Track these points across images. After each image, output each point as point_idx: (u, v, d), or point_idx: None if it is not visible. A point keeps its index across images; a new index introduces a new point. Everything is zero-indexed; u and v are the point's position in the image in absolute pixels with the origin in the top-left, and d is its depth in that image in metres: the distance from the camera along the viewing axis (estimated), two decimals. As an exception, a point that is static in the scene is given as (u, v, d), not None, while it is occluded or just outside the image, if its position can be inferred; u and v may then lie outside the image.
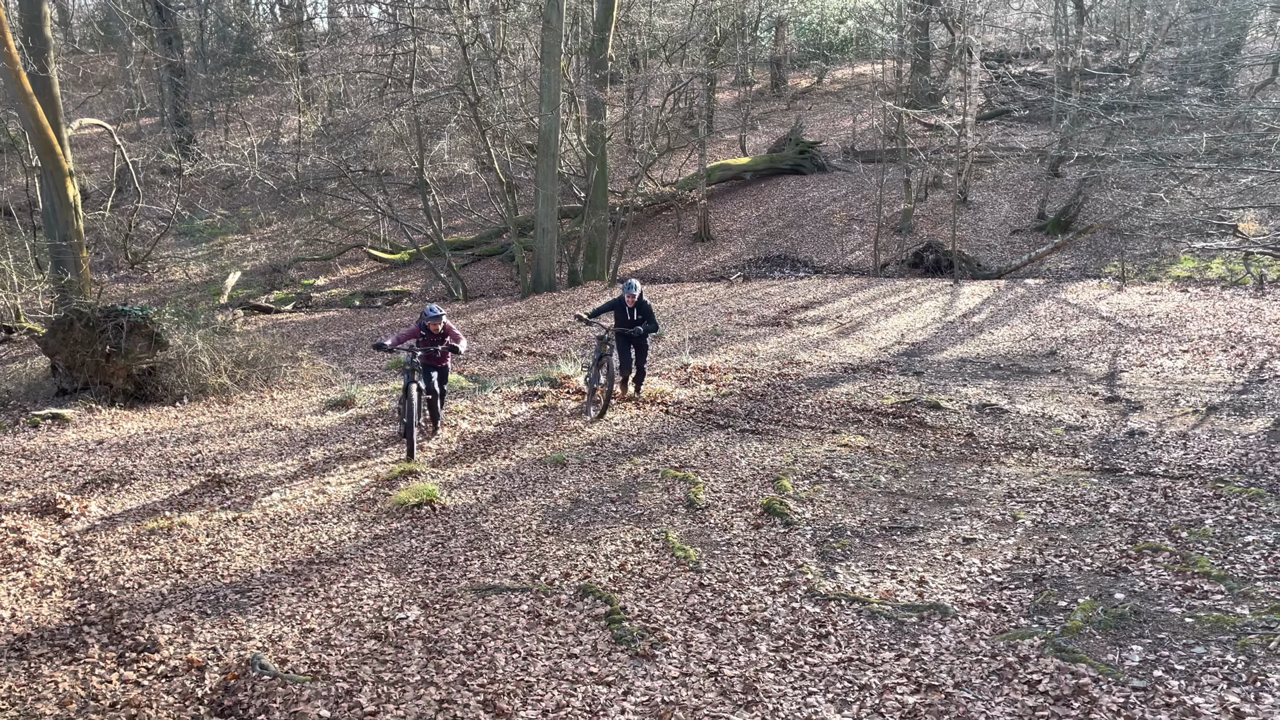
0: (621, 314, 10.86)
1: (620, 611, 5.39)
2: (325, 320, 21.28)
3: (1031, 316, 16.02)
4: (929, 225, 23.19)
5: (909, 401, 10.76)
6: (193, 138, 30.72)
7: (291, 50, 26.53)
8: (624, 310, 10.83)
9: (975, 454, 8.72)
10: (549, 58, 20.31)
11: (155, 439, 10.01)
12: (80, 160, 24.96)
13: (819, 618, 5.22)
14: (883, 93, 27.47)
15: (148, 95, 34.59)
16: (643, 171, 24.20)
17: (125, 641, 5.27)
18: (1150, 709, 4.08)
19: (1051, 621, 5.00)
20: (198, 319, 13.60)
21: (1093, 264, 20.11)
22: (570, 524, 7.06)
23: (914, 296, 18.50)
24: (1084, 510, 6.81)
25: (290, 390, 12.79)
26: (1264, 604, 4.98)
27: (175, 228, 26.03)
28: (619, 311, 10.90)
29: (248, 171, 24.81)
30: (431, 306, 9.54)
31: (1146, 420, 9.74)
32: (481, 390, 11.93)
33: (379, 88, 25.05)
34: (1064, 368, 12.65)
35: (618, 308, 10.88)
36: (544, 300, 20.39)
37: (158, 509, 7.59)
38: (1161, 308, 15.83)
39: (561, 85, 21.10)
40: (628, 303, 10.76)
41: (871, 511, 7.02)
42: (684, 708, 4.37)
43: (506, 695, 4.52)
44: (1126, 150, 20.15)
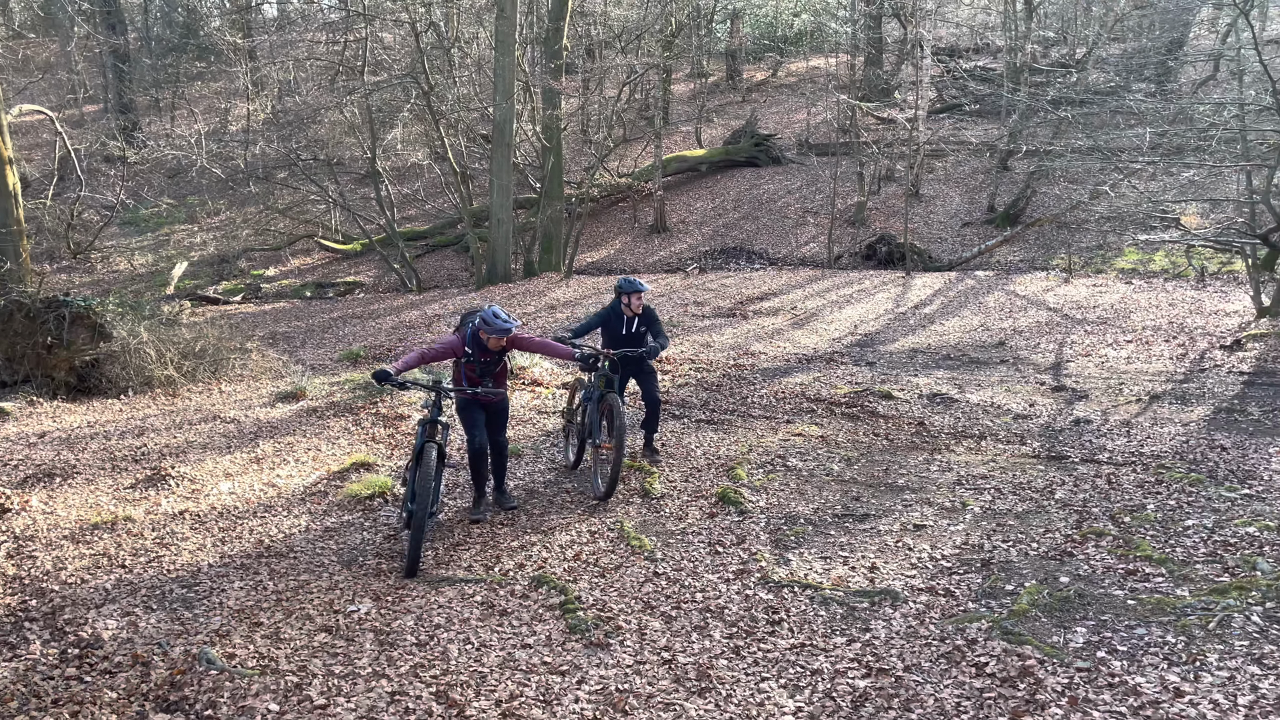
0: (619, 328, 7.91)
1: (575, 601, 5.39)
2: (275, 311, 20.96)
3: (981, 308, 16.27)
4: (882, 218, 23.44)
5: (861, 391, 10.87)
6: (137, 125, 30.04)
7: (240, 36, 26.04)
8: (622, 322, 7.89)
9: (926, 442, 8.84)
10: (503, 47, 20.17)
11: (99, 432, 9.78)
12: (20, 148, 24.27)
13: (772, 605, 5.26)
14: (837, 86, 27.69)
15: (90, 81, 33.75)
16: (599, 162, 24.16)
17: (68, 637, 5.14)
18: (1094, 689, 4.17)
19: (999, 605, 5.09)
20: (143, 310, 13.30)
21: (1040, 256, 20.47)
22: (525, 514, 7.03)
23: (867, 288, 18.70)
24: (1031, 497, 6.94)
25: (239, 382, 12.57)
26: (1203, 586, 5.11)
27: (119, 217, 25.43)
28: (614, 324, 7.93)
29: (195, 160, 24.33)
30: (494, 309, 6.51)
31: (1091, 409, 9.94)
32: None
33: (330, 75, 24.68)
34: (1012, 358, 12.86)
35: (613, 319, 7.93)
36: (499, 291, 20.27)
37: (102, 503, 7.43)
38: (1106, 299, 16.16)
39: (516, 75, 20.97)
40: (627, 311, 7.83)
41: (824, 499, 7.08)
42: (638, 695, 4.38)
43: (459, 686, 4.49)
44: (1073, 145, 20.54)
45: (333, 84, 24.20)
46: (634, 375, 8.12)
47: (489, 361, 6.72)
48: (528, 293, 19.89)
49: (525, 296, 19.49)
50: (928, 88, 24.49)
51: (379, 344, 15.88)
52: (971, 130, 26.55)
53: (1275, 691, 4.00)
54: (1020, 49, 24.43)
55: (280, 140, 25.49)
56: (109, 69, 31.11)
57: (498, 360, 6.78)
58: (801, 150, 27.74)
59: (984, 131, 26.25)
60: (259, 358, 13.85)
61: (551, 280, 21.17)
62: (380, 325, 17.99)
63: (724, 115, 31.58)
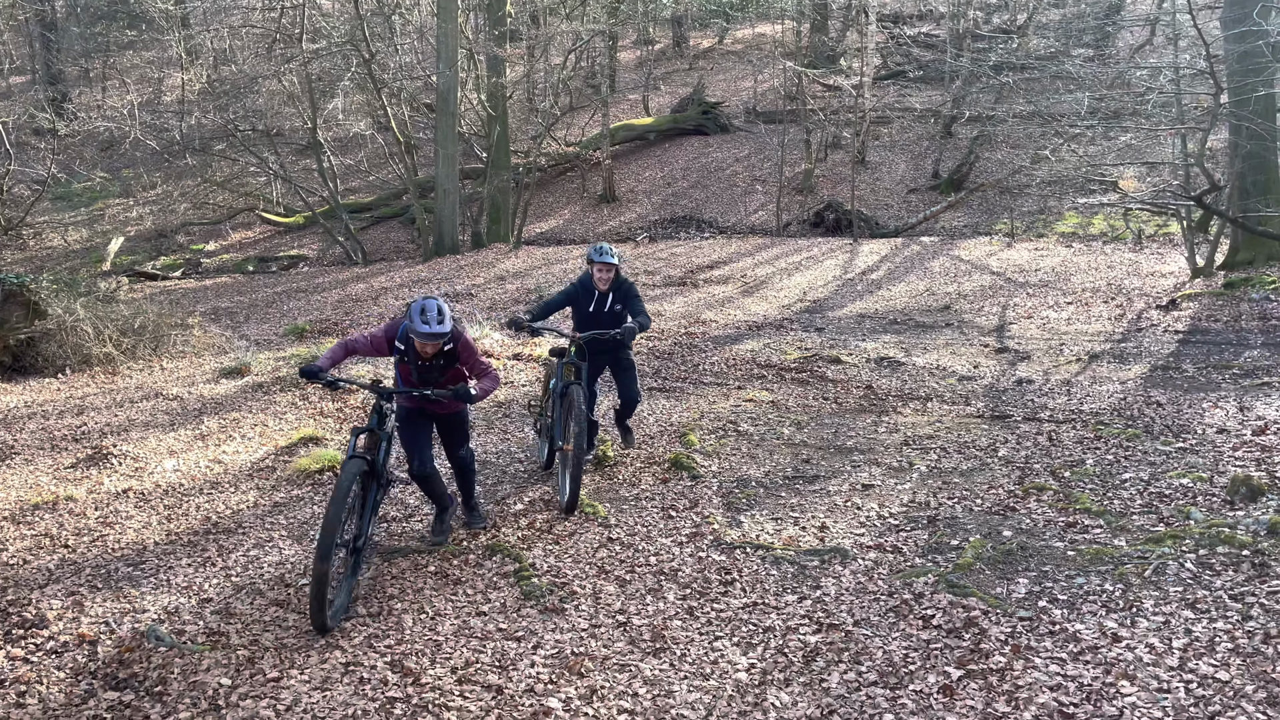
0: (588, 305, 6.82)
1: (529, 568, 5.40)
2: (217, 287, 20.54)
3: (927, 273, 16.49)
4: (829, 185, 23.58)
5: (811, 356, 10.98)
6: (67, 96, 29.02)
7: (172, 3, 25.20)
8: (592, 298, 6.81)
9: (874, 405, 8.97)
10: (445, 13, 19.82)
11: (36, 412, 9.54)
12: (-59, 120, 23.33)
13: (725, 566, 5.33)
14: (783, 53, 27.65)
15: (16, 51, 32.50)
16: (545, 131, 23.92)
17: (11, 619, 5.04)
18: (1035, 637, 4.30)
19: (945, 560, 5.21)
20: (78, 286, 12.96)
21: (984, 221, 20.77)
22: (478, 484, 7.01)
23: (815, 255, 18.84)
24: (975, 455, 7.09)
25: (181, 359, 12.32)
26: (1139, 535, 5.28)
27: (51, 192, 24.60)
28: (583, 302, 6.85)
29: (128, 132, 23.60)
30: (424, 303, 5.19)
31: (1033, 369, 10.16)
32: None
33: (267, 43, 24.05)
34: (957, 321, 13.08)
35: (581, 296, 6.86)
36: (447, 263, 20.06)
37: (42, 483, 7.26)
38: (1047, 263, 16.48)
39: (460, 42, 20.63)
40: (599, 284, 6.77)
41: (775, 463, 7.16)
42: (593, 658, 4.42)
43: (415, 655, 4.49)
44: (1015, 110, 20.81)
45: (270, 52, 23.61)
46: (609, 365, 7.00)
47: (428, 367, 5.47)
48: (476, 264, 19.71)
49: (474, 268, 19.31)
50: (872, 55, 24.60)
51: (325, 318, 15.64)
52: (916, 97, 26.75)
53: (1208, 634, 4.16)
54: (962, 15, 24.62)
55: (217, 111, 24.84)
56: (35, 38, 29.99)
57: (440, 364, 5.50)
58: (749, 118, 27.73)
59: (928, 98, 26.46)
60: (201, 334, 13.59)
61: (500, 251, 21.00)
62: (326, 299, 17.72)
63: (671, 83, 31.43)
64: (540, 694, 4.13)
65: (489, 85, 21.70)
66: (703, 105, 27.58)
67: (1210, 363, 9.81)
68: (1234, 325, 11.46)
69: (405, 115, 23.23)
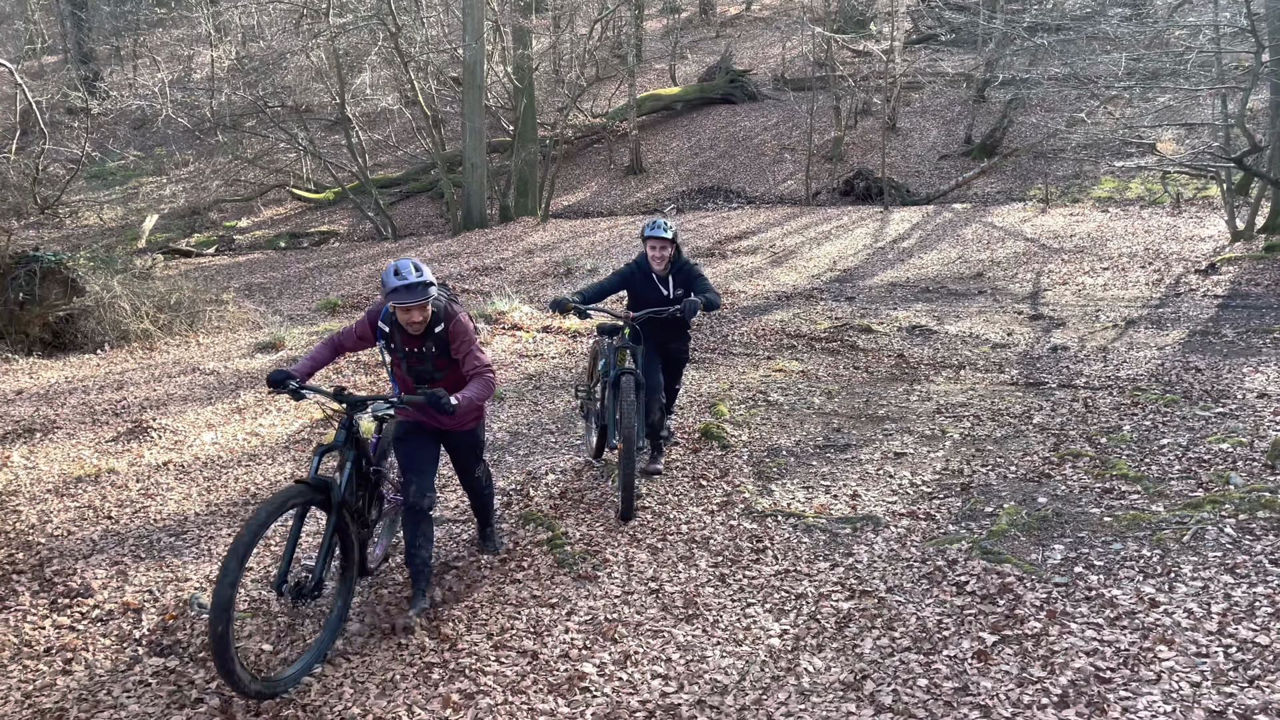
0: (645, 290, 6.21)
1: (561, 537, 5.44)
2: (250, 263, 20.73)
3: (959, 240, 16.29)
4: (859, 152, 23.30)
5: (841, 326, 10.92)
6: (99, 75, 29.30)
7: (199, -20, 25.33)
8: (651, 282, 6.19)
9: (906, 374, 8.91)
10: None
11: (77, 387, 9.71)
12: (-22, 101, 23.67)
13: (756, 534, 5.34)
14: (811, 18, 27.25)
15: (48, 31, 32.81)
16: (572, 103, 23.80)
17: (57, 588, 5.16)
18: (1071, 602, 4.28)
19: (978, 527, 5.18)
20: (115, 264, 13.13)
21: (1017, 187, 20.45)
22: (510, 455, 7.06)
23: (845, 224, 18.66)
24: (1009, 422, 7.03)
25: (217, 334, 12.48)
26: (1178, 501, 5.22)
27: (86, 170, 24.92)
28: (640, 284, 6.22)
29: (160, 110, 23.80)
30: (397, 263, 4.33)
31: (1069, 336, 10.04)
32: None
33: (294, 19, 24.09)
34: (990, 289, 12.93)
35: (638, 278, 6.23)
36: (476, 237, 20.11)
37: (84, 457, 7.40)
38: (1083, 228, 16.21)
39: (485, 14, 20.54)
40: (655, 264, 6.13)
41: (806, 432, 7.15)
42: (626, 624, 4.45)
43: (451, 621, 4.55)
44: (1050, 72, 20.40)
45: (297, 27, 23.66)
46: (669, 348, 6.37)
47: (418, 353, 4.59)
48: (504, 238, 19.74)
49: (502, 241, 19.34)
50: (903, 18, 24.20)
51: (356, 293, 15.76)
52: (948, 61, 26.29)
53: (1248, 599, 4.11)
54: (996, -24, 24.09)
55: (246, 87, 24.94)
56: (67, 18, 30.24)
57: (432, 352, 4.57)
58: (777, 86, 27.42)
59: (960, 62, 26.01)
60: (235, 309, 13.73)
61: (528, 224, 21.01)
62: (357, 274, 17.83)
63: (698, 52, 31.12)
64: (575, 659, 4.18)
65: (515, 57, 21.61)
66: (730, 73, 27.30)
67: (1250, 327, 9.64)
68: (1275, 289, 11.24)
69: (432, 89, 23.21)
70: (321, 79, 23.38)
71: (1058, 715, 3.52)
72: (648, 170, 24.60)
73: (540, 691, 3.95)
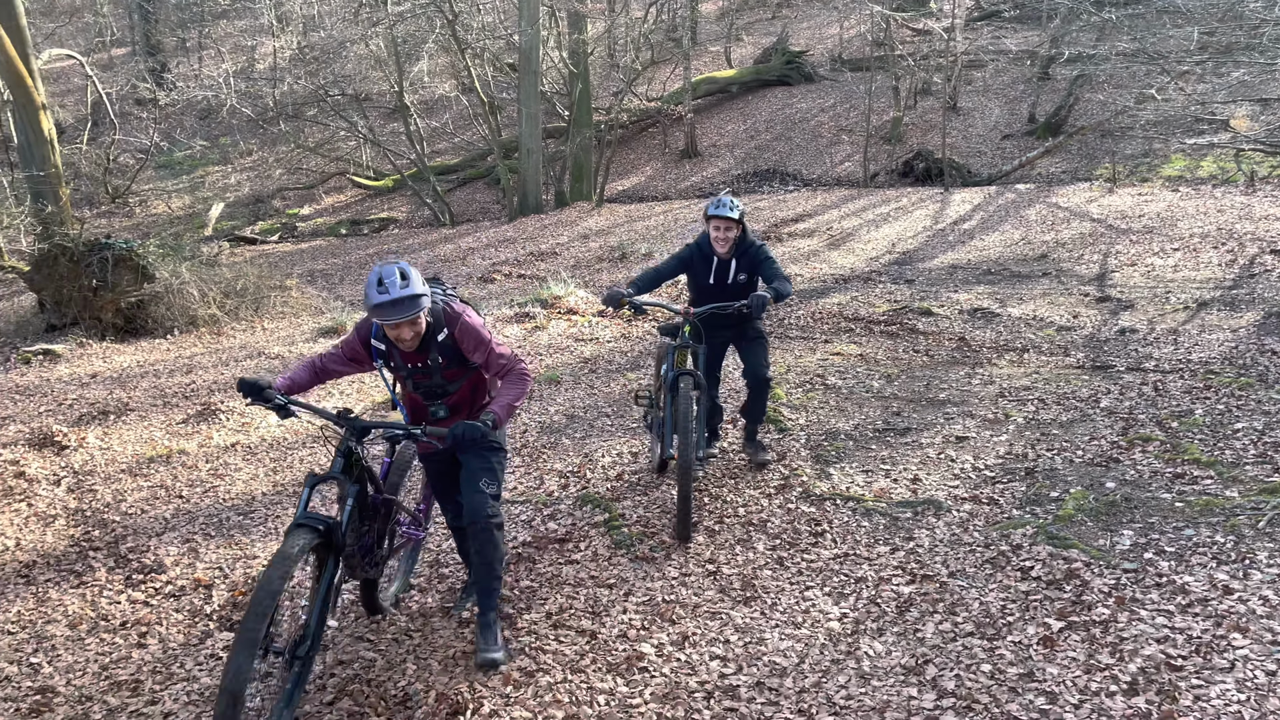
0: (706, 275, 5.63)
1: (619, 519, 5.46)
2: (312, 250, 21.10)
3: (1022, 221, 15.95)
4: (918, 133, 22.92)
5: (900, 309, 10.77)
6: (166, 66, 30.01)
7: (261, -28, 25.76)
8: (711, 266, 5.60)
9: (967, 357, 8.76)
10: (527, -30, 19.75)
11: (149, 371, 9.99)
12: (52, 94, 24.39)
13: (814, 517, 5.30)
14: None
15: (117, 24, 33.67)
16: (627, 87, 23.76)
17: (131, 564, 5.33)
18: (1141, 589, 4.17)
19: (1044, 511, 5.08)
20: (183, 251, 13.46)
21: (1083, 167, 19.94)
22: (567, 438, 7.10)
23: (904, 205, 18.38)
24: (1075, 406, 6.88)
25: (281, 319, 12.73)
26: (1252, 486, 5.06)
27: (154, 160, 25.59)
28: (699, 269, 5.65)
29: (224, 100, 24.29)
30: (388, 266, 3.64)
31: (1137, 318, 9.78)
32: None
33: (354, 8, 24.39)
34: (1055, 270, 12.64)
35: (697, 262, 5.65)
36: (531, 222, 20.21)
37: (156, 438, 7.62)
38: (1152, 208, 15.75)
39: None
40: (718, 246, 5.52)
41: (865, 415, 7.07)
42: (684, 605, 4.46)
43: (510, 601, 4.60)
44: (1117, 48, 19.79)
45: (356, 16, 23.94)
46: (733, 342, 5.81)
47: (423, 368, 3.95)
48: (560, 223, 19.81)
49: (557, 227, 19.41)
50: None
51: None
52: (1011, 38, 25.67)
53: (1326, 588, 3.98)
54: (1062, -50, 23.41)
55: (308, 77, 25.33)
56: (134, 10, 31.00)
57: (439, 363, 3.93)
58: (835, 66, 27.06)
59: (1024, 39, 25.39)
60: (299, 295, 14.00)
61: (583, 209, 21.05)
62: (415, 260, 18.05)
63: (754, 33, 30.83)
64: (633, 639, 4.19)
65: (570, 42, 21.62)
66: (786, 55, 27.00)
67: (1331, 309, 9.29)
68: (1358, 269, 10.81)
69: (489, 75, 23.35)
70: (380, 67, 23.65)
71: (1127, 703, 3.45)
72: (703, 154, 24.48)
73: (599, 670, 3.98)
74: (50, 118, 16.57)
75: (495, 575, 4.06)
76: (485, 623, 4.02)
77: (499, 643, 4.00)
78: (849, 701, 3.66)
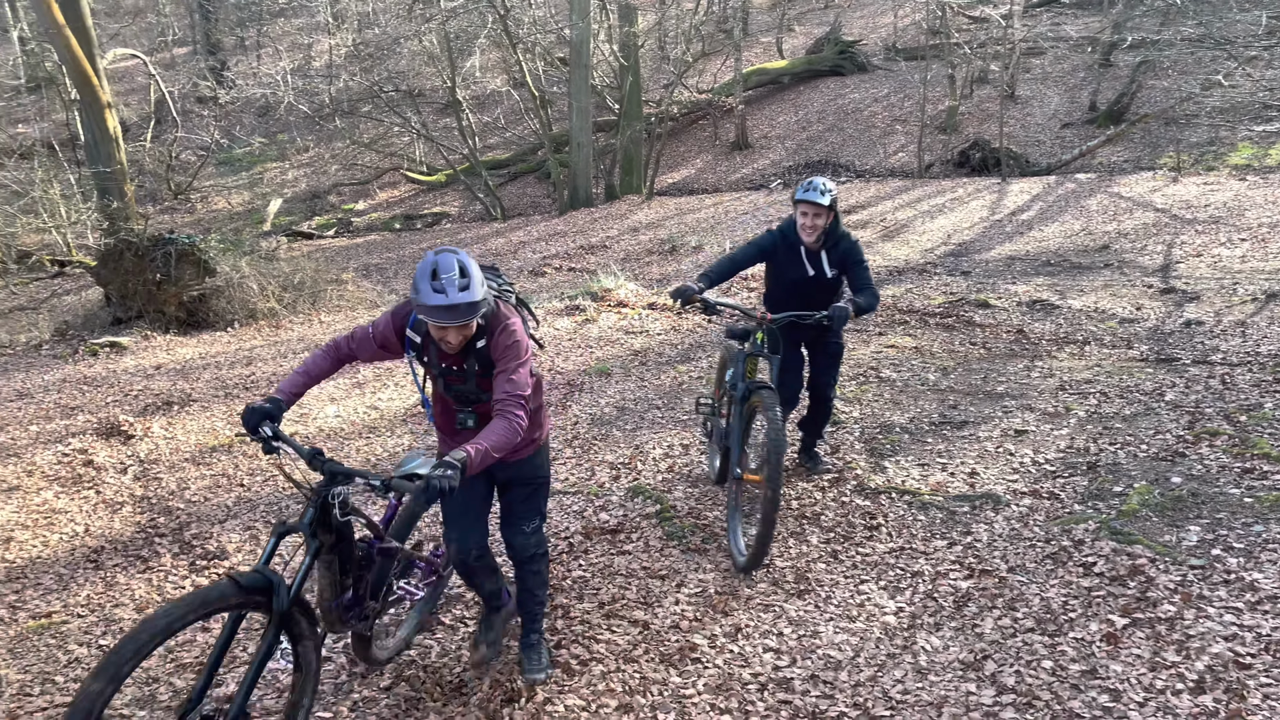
0: (790, 268, 5.11)
1: (670, 510, 5.46)
2: (367, 244, 21.40)
3: (1083, 211, 15.59)
4: (975, 122, 22.52)
5: (957, 301, 10.60)
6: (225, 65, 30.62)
7: (317, -30, 26.15)
8: (797, 258, 5.06)
9: (1026, 350, 8.60)
10: (578, -36, 19.78)
11: (210, 363, 10.22)
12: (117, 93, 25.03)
13: (869, 510, 5.24)
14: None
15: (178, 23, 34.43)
16: (677, 79, 23.69)
17: (195, 550, 5.46)
18: (1208, 585, 4.06)
19: (1106, 506, 4.97)
20: (243, 246, 13.73)
21: (1146, 155, 19.43)
22: (618, 430, 7.11)
23: (960, 196, 18.08)
24: (1139, 399, 6.71)
25: (337, 312, 12.94)
26: (1326, 483, 4.90)
27: (215, 157, 26.14)
28: (783, 260, 5.12)
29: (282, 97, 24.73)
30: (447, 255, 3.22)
31: (1203, 310, 9.51)
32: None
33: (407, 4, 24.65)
34: (1117, 261, 12.35)
35: (781, 252, 5.10)
36: (582, 216, 20.27)
37: (217, 428, 7.78)
38: (1218, 197, 15.29)
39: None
40: (805, 235, 4.97)
41: (920, 409, 6.97)
42: (737, 597, 4.44)
43: (563, 591, 4.62)
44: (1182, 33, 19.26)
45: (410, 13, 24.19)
46: (807, 347, 5.36)
47: (458, 371, 3.47)
48: (610, 216, 19.83)
49: (607, 220, 19.44)
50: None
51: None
52: (1071, 24, 25.12)
53: (1406, 587, 3.83)
54: (1124, -67, 22.82)
55: (362, 73, 25.68)
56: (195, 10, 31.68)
57: (475, 371, 3.45)
58: (888, 56, 26.70)
59: (1085, 25, 24.81)
60: (354, 289, 14.21)
61: (633, 203, 21.05)
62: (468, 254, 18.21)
63: (806, 23, 30.54)
64: (686, 630, 4.19)
65: (621, 35, 21.61)
66: (839, 44, 26.70)
67: None
68: None
69: (539, 70, 23.44)
70: (433, 63, 23.88)
71: (1193, 701, 3.36)
72: (753, 146, 24.32)
73: (652, 660, 3.98)
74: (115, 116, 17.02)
75: (539, 601, 3.92)
76: (529, 643, 3.92)
77: (544, 663, 3.89)
78: (905, 696, 3.61)
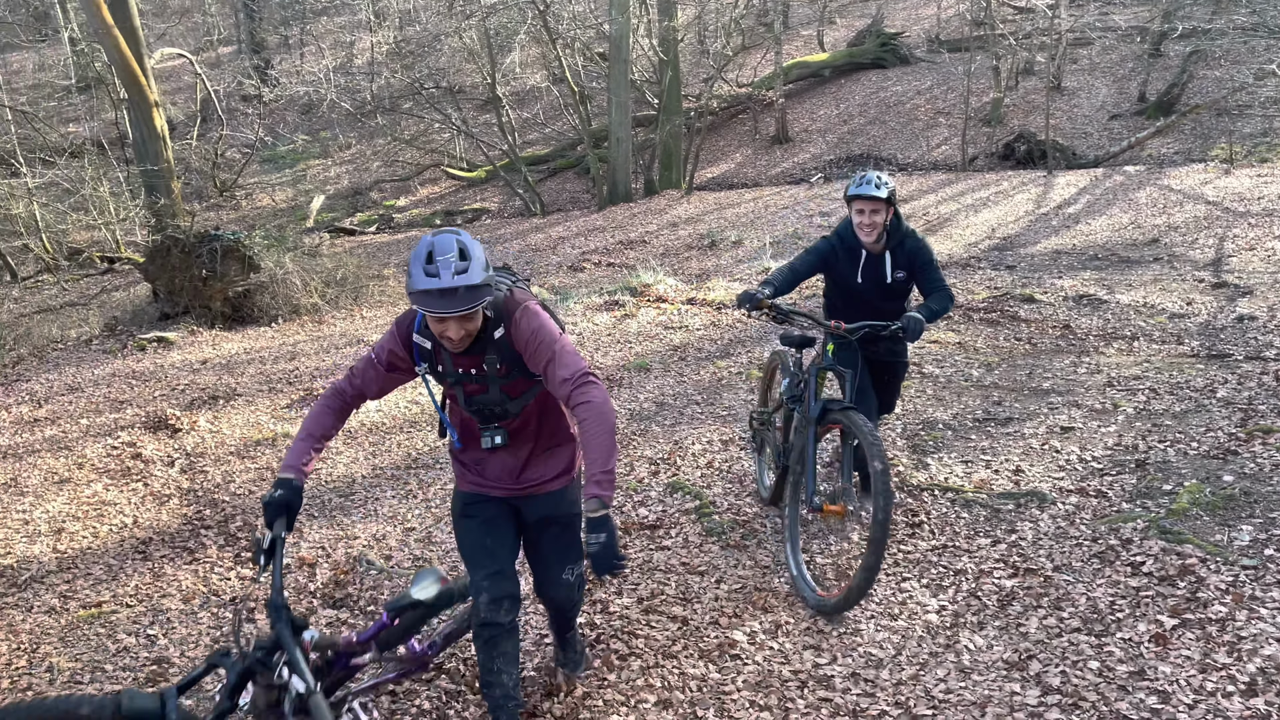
0: (852, 272, 4.65)
1: (709, 506, 5.44)
2: (408, 240, 21.57)
3: (1131, 205, 15.29)
4: (1020, 115, 22.18)
5: (1001, 295, 10.45)
6: (269, 63, 31.03)
7: (359, -31, 26.41)
8: (857, 262, 4.62)
9: (1072, 345, 8.45)
10: (617, -41, 19.76)
11: (255, 358, 10.36)
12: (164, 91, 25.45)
13: (911, 508, 5.18)
14: (968, -24, 26.03)
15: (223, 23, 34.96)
16: (717, 73, 23.60)
17: (240, 543, 5.54)
18: (1261, 586, 3.96)
19: (1155, 505, 4.86)
20: (287, 242, 13.90)
21: (1197, 147, 19.00)
22: (657, 425, 7.10)
23: (1004, 189, 17.82)
24: (1189, 396, 6.56)
25: (379, 308, 13.06)
26: (1387, 483, 4.75)
27: (259, 155, 26.51)
28: (842, 266, 4.67)
29: (325, 95, 25.00)
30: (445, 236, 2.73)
31: (1257, 305, 9.28)
32: (563, 301, 11.99)
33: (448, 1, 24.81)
34: (1167, 255, 12.10)
35: (839, 257, 4.67)
36: (621, 211, 20.27)
37: (262, 422, 7.89)
38: (1272, 189, 14.92)
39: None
40: (864, 235, 4.53)
41: (963, 405, 6.88)
42: (776, 594, 4.41)
43: (601, 586, 4.62)
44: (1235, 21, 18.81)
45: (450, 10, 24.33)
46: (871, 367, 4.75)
47: (478, 375, 2.99)
48: (649, 211, 19.81)
49: (646, 215, 19.42)
50: (1069, -30, 22.78)
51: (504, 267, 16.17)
52: (1120, 14, 24.63)
53: None
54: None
55: (404, 71, 25.88)
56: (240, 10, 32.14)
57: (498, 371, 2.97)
58: (932, 48, 26.38)
59: (1134, 14, 24.32)
60: (396, 284, 14.34)
61: (672, 198, 21.01)
62: (508, 249, 18.30)
63: (847, 15, 30.27)
64: (725, 626, 4.17)
65: (661, 30, 21.56)
66: (881, 37, 26.43)
67: None
68: None
69: (579, 65, 23.45)
70: (473, 60, 24.00)
71: (1244, 703, 3.27)
72: (794, 139, 24.16)
73: (690, 656, 3.96)
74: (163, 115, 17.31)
75: (573, 622, 3.80)
76: (566, 640, 3.85)
77: (582, 657, 3.88)
78: (948, 695, 3.56)
